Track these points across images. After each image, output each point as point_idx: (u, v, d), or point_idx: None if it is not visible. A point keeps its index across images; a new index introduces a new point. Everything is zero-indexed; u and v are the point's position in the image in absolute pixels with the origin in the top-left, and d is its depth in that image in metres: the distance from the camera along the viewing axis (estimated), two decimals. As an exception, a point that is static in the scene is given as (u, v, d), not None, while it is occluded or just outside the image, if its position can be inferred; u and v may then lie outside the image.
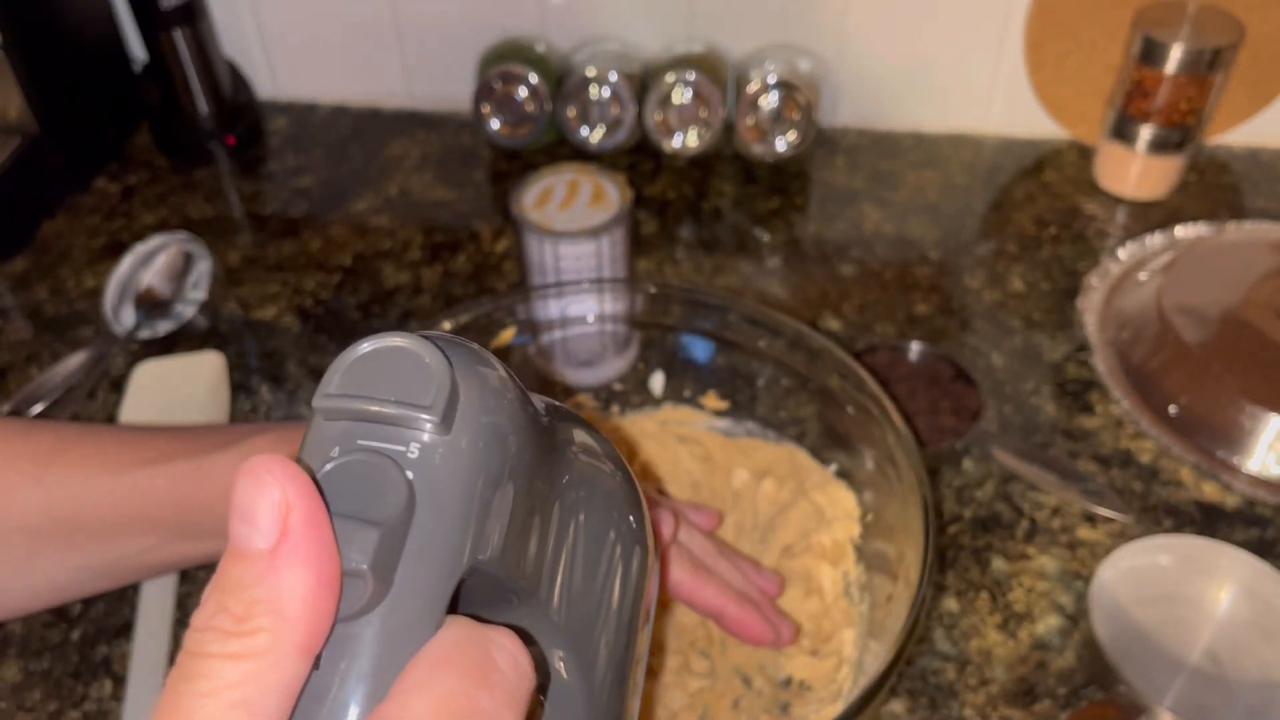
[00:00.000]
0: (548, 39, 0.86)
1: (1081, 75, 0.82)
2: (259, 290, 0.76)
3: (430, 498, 0.22)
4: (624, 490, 0.29)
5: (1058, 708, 0.51)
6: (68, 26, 0.83)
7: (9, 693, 0.53)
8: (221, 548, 0.46)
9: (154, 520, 0.44)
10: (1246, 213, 0.79)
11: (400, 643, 0.22)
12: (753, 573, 0.52)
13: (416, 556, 0.22)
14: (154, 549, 0.45)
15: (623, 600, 0.28)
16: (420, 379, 0.23)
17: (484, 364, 0.25)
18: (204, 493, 0.43)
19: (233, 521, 0.20)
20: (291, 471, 0.20)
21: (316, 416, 0.24)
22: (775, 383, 0.58)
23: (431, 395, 0.23)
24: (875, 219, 0.80)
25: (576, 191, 0.66)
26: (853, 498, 0.56)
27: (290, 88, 0.94)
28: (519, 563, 0.24)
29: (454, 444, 0.23)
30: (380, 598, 0.21)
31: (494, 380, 0.25)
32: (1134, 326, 0.67)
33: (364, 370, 0.23)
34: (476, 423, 0.23)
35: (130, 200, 0.84)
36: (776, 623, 0.50)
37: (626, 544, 0.28)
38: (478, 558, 0.23)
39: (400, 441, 0.23)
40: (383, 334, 0.24)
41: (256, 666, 0.19)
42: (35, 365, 0.71)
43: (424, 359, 0.23)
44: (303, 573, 0.20)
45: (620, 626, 0.28)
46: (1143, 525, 0.59)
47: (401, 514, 0.22)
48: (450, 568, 0.22)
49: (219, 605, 0.20)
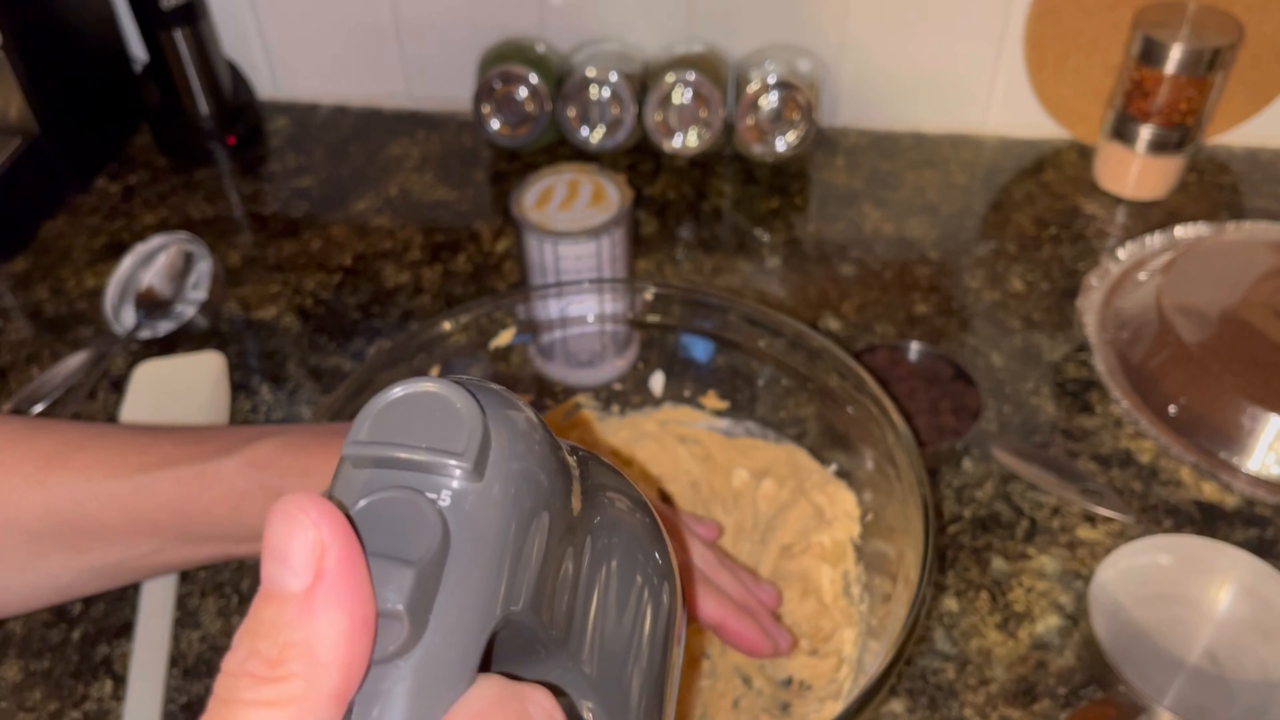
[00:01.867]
0: (548, 39, 0.86)
1: (1081, 75, 0.82)
2: (259, 290, 0.76)
3: (464, 545, 0.22)
4: (650, 531, 0.29)
5: (1057, 707, 0.51)
6: (68, 27, 0.83)
7: (10, 692, 0.53)
8: (222, 552, 0.46)
9: (157, 524, 0.44)
10: (1246, 213, 0.79)
11: (435, 692, 0.21)
12: (752, 584, 0.52)
13: (451, 601, 0.21)
14: (156, 552, 0.45)
15: (653, 644, 0.28)
16: (452, 425, 0.23)
17: (514, 408, 0.24)
18: (206, 498, 0.43)
19: (266, 562, 0.20)
20: (327, 511, 0.20)
21: (345, 463, 0.23)
22: (775, 383, 0.58)
23: (464, 442, 0.22)
24: (875, 219, 0.80)
25: (577, 192, 0.66)
26: (852, 497, 0.56)
27: (291, 88, 0.94)
28: (550, 612, 0.24)
29: (486, 491, 0.23)
30: (415, 640, 0.21)
31: (525, 425, 0.24)
32: (1133, 326, 0.67)
33: (395, 416, 0.23)
34: (509, 469, 0.23)
35: (131, 200, 0.84)
36: (775, 634, 0.50)
37: (655, 586, 0.28)
38: (510, 609, 0.22)
39: (432, 489, 0.22)
40: (414, 379, 0.23)
41: (289, 714, 0.19)
42: (36, 365, 0.71)
43: (455, 404, 0.23)
44: (338, 616, 0.19)
45: (651, 670, 0.27)
46: (1142, 525, 0.59)
47: (436, 552, 0.21)
48: (485, 615, 0.22)
49: (251, 649, 0.20)
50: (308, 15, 0.89)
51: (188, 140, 0.87)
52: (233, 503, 0.43)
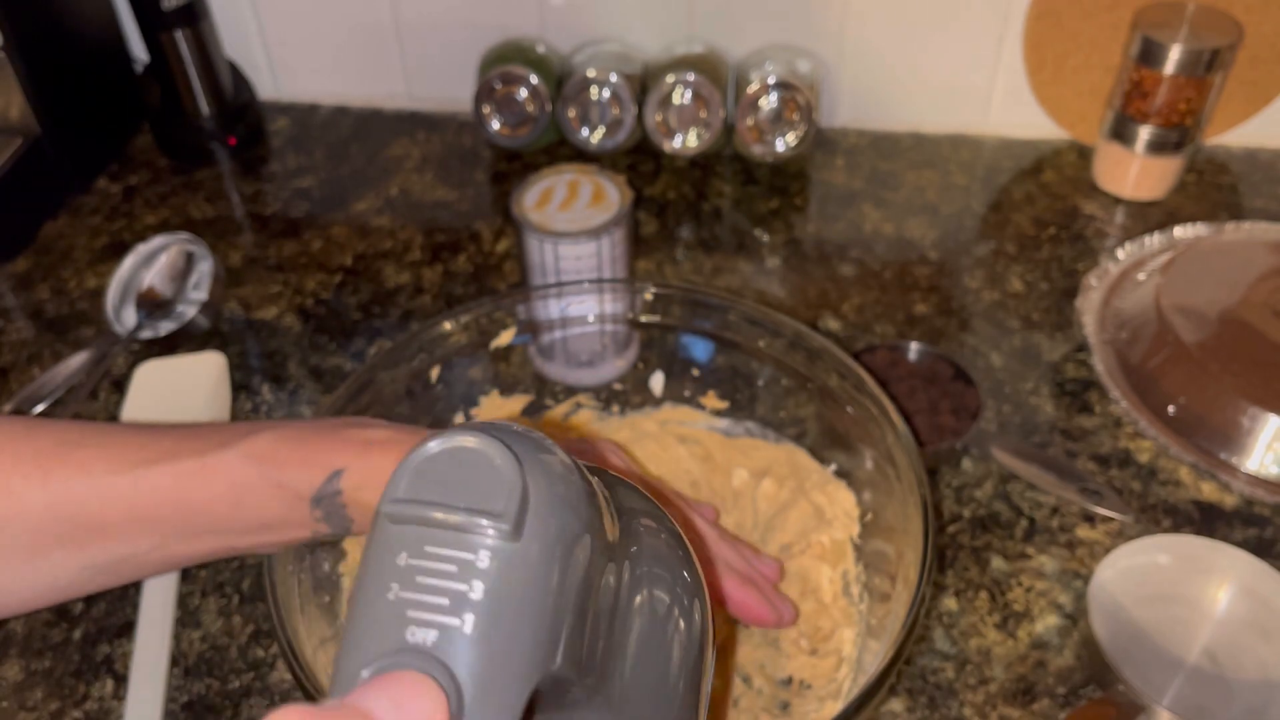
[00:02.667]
0: (548, 40, 0.87)
1: (1080, 76, 0.82)
2: (260, 290, 0.76)
3: (501, 608, 0.22)
4: (677, 550, 0.29)
5: (1056, 707, 0.51)
6: (69, 27, 0.83)
7: (11, 692, 0.53)
8: (224, 545, 0.46)
9: (158, 519, 0.44)
10: (1245, 213, 0.79)
11: None
12: (753, 557, 0.53)
13: (490, 667, 0.22)
14: (157, 548, 0.45)
15: (685, 670, 0.28)
16: (490, 482, 0.22)
17: (548, 453, 0.24)
18: (207, 491, 0.43)
19: None
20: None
21: (383, 519, 0.23)
22: (775, 383, 0.58)
23: (502, 502, 0.22)
24: (875, 219, 0.80)
25: (577, 192, 0.66)
26: (852, 497, 0.56)
27: (291, 88, 0.94)
28: (589, 662, 0.24)
29: (525, 552, 0.22)
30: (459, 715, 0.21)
31: (559, 472, 0.24)
32: (1133, 326, 0.67)
33: (433, 472, 0.23)
34: (546, 527, 0.23)
35: (132, 201, 0.85)
36: (778, 604, 0.51)
37: (686, 608, 0.28)
38: (549, 667, 0.23)
39: (470, 549, 0.22)
40: (452, 432, 0.23)
41: None
42: (37, 365, 0.71)
43: (494, 460, 0.23)
44: None
45: (685, 698, 0.27)
46: (1141, 525, 0.59)
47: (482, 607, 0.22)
48: (525, 677, 0.22)
49: None
50: (309, 16, 0.89)
51: (189, 140, 0.88)
52: (233, 495, 0.43)
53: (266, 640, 0.55)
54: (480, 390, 0.59)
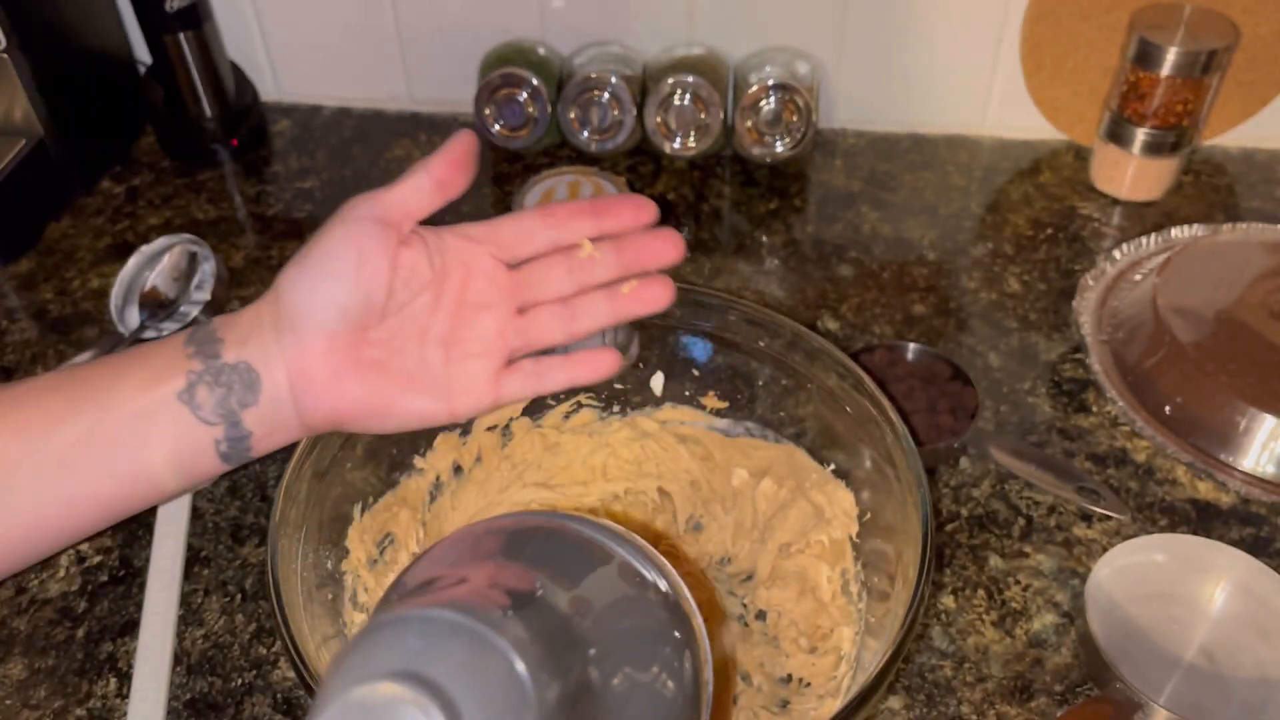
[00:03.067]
0: (548, 42, 0.87)
1: (1077, 77, 0.82)
2: (263, 291, 0.76)
3: None
4: (660, 612, 0.28)
5: (1053, 705, 0.52)
6: (73, 30, 0.83)
7: (15, 690, 0.54)
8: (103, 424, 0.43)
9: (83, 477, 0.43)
10: (1241, 214, 0.79)
11: None
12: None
13: None
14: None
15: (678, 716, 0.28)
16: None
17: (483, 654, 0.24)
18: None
19: None
20: None
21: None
22: (774, 383, 0.58)
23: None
24: (873, 220, 0.81)
25: (577, 193, 0.66)
26: (851, 497, 0.56)
27: (294, 90, 0.95)
28: None
29: None
30: None
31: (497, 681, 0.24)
32: (1129, 327, 0.67)
33: None
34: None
35: (135, 202, 0.85)
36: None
37: (675, 668, 0.28)
38: None
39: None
40: (368, 684, 0.23)
41: None
42: (41, 365, 0.71)
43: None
44: None
45: None
46: (1138, 524, 0.59)
47: None
48: None
49: None
50: (311, 18, 0.89)
51: (192, 142, 0.88)
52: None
53: (269, 638, 0.56)
54: (481, 390, 0.60)
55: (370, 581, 0.53)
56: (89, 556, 0.60)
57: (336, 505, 0.52)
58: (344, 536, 0.52)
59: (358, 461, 0.53)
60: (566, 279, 0.48)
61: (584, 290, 0.48)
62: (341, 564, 0.52)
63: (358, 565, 0.53)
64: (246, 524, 0.61)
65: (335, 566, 0.52)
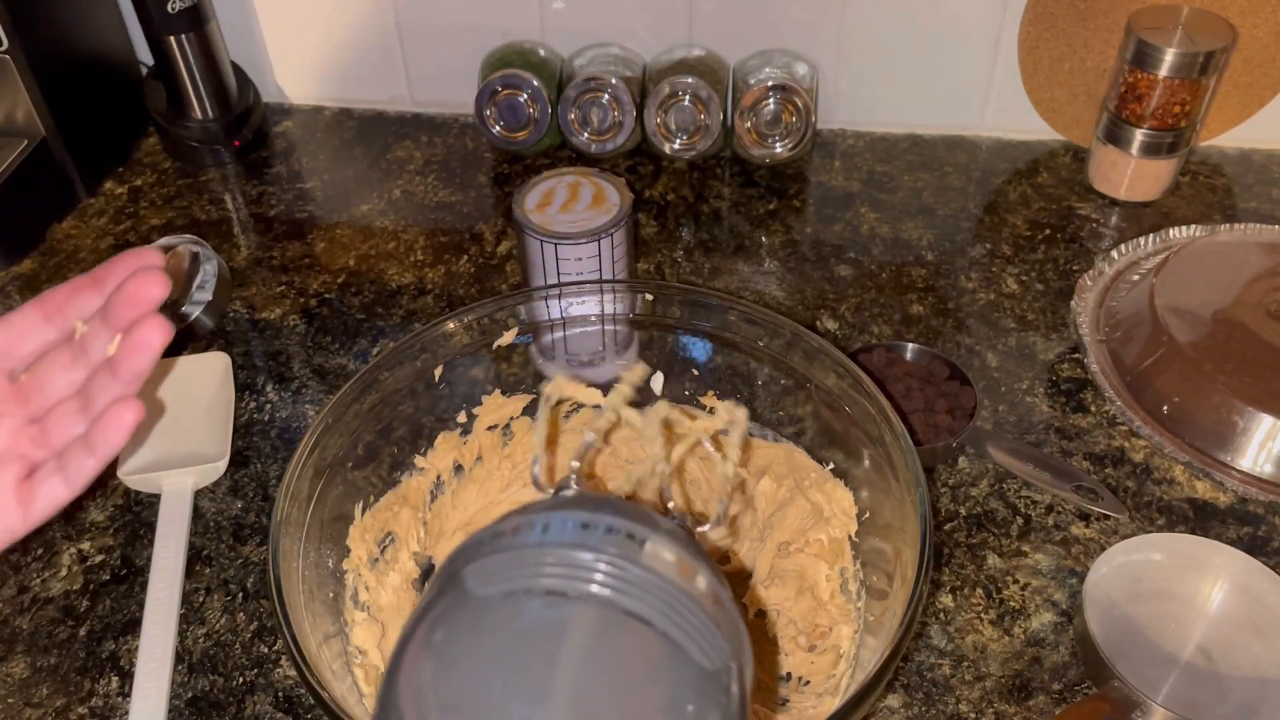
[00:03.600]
0: (549, 44, 0.87)
1: (1075, 78, 0.83)
2: (264, 291, 0.77)
3: None
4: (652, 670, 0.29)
5: (1051, 703, 0.52)
6: (75, 31, 0.84)
7: (17, 688, 0.54)
8: None
9: None
10: (1238, 214, 0.80)
11: None
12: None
13: None
14: None
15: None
16: None
17: None
18: None
19: None
20: None
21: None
22: (773, 382, 0.58)
23: None
24: (872, 220, 0.81)
25: (577, 194, 0.67)
26: (850, 496, 0.57)
27: (295, 92, 0.95)
28: None
29: None
30: None
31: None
32: (1127, 327, 0.67)
33: None
34: None
35: (137, 202, 0.85)
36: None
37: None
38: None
39: None
40: None
41: None
42: (43, 366, 0.71)
43: None
44: None
45: None
46: (1136, 523, 0.59)
47: None
48: None
49: None
50: (312, 20, 0.90)
51: (194, 143, 0.88)
52: None
53: (270, 637, 0.56)
54: (482, 390, 0.60)
55: (371, 580, 0.53)
56: (91, 555, 0.60)
57: (338, 504, 0.52)
58: (345, 535, 0.53)
59: (359, 460, 0.54)
60: (75, 367, 0.43)
61: (94, 370, 0.43)
62: (343, 562, 0.52)
63: (359, 564, 0.53)
64: (248, 523, 0.61)
65: (336, 565, 0.52)
